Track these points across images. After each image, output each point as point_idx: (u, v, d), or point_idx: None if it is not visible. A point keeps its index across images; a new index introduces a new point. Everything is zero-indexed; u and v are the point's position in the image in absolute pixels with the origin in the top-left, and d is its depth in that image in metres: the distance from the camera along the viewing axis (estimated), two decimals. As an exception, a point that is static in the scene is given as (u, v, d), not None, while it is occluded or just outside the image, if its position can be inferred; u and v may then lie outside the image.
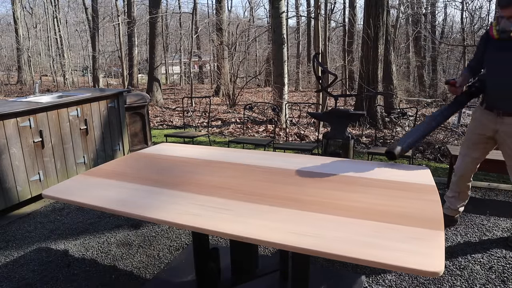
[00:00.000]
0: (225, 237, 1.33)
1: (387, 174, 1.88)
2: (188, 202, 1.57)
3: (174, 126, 7.78)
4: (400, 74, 13.84)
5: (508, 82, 2.32)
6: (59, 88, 15.84)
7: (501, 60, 2.32)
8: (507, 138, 2.40)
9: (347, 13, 16.78)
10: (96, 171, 2.02)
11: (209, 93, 13.88)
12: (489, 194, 3.57)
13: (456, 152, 3.53)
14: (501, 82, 2.35)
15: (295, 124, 7.22)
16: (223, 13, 13.22)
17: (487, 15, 15.81)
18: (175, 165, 2.11)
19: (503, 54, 2.29)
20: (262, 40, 20.32)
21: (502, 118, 2.38)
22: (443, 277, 2.22)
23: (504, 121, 2.38)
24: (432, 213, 1.42)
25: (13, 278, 2.29)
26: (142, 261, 2.45)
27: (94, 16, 16.18)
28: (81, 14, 22.26)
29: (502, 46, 2.28)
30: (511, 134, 2.37)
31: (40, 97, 3.84)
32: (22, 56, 19.03)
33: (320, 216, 1.41)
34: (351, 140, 3.75)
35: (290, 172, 1.94)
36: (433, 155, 5.22)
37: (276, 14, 7.47)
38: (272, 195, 1.63)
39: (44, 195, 1.72)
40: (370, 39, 7.12)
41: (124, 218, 3.05)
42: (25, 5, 22.04)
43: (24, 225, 3.03)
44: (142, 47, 22.81)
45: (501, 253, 2.49)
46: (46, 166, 3.42)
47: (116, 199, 1.62)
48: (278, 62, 7.68)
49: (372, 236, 1.25)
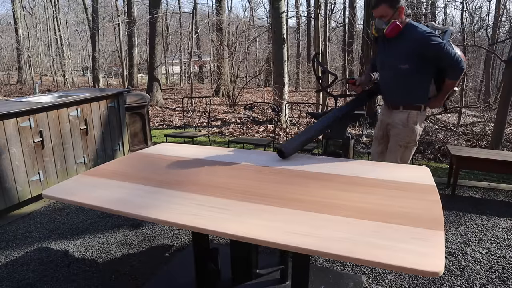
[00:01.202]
0: (225, 237, 1.33)
1: (387, 174, 1.88)
2: (188, 202, 1.57)
3: (174, 126, 7.78)
4: (400, 74, 13.80)
5: (387, 76, 2.51)
6: (59, 88, 15.84)
7: (383, 55, 2.50)
8: (391, 130, 2.56)
9: (347, 13, 16.78)
10: (96, 171, 2.02)
11: (209, 93, 13.87)
12: (489, 194, 3.57)
13: (456, 152, 3.54)
14: (384, 76, 2.55)
15: (295, 124, 7.22)
16: (223, 13, 13.23)
17: (487, 15, 15.82)
18: (175, 165, 2.11)
19: (384, 50, 2.48)
20: (262, 40, 20.31)
21: (391, 111, 2.53)
22: (443, 277, 2.22)
23: (392, 114, 2.53)
24: (432, 213, 1.42)
25: (13, 278, 2.29)
26: (142, 261, 2.45)
27: (94, 16, 16.18)
28: (81, 14, 22.26)
29: (383, 43, 2.48)
30: (395, 127, 2.51)
31: (40, 97, 3.83)
32: (22, 56, 19.03)
33: (320, 216, 1.41)
34: (351, 140, 3.75)
35: (290, 172, 1.94)
36: (433, 155, 5.22)
37: (276, 14, 7.47)
38: (272, 195, 1.63)
39: (44, 195, 1.72)
40: (370, 39, 7.12)
41: (124, 218, 3.05)
42: (25, 5, 22.03)
43: (24, 225, 3.03)
44: (142, 47, 22.81)
45: (501, 253, 2.49)
46: (46, 166, 3.42)
47: (116, 199, 1.62)
48: (278, 62, 7.68)
49: (372, 236, 1.25)
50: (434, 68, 2.36)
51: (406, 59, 2.34)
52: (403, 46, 2.34)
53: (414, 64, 2.33)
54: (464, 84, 9.61)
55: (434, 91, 2.45)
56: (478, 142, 5.98)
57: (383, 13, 2.32)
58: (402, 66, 2.36)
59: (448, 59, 2.25)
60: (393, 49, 2.40)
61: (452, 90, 2.44)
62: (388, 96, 2.57)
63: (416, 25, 2.32)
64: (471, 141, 6.06)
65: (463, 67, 2.28)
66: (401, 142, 2.48)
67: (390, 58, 2.43)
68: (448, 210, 3.15)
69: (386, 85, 2.54)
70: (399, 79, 2.42)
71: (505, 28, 14.02)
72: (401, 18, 2.33)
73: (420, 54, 2.28)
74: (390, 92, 2.54)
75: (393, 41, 2.38)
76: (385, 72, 2.53)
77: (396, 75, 2.42)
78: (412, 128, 2.44)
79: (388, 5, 2.29)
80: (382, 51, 2.51)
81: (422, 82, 2.39)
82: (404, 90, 2.43)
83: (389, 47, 2.44)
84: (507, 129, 6.07)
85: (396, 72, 2.41)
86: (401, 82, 2.42)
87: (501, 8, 13.71)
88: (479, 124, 7.36)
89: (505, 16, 14.02)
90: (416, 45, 2.28)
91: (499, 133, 5.21)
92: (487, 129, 6.57)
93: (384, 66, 2.52)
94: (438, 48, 2.22)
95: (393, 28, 2.30)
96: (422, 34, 2.26)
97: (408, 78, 2.38)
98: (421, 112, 2.44)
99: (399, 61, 2.37)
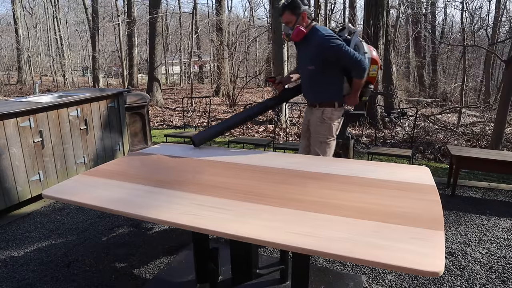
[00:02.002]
0: (225, 237, 1.33)
1: (387, 174, 1.88)
2: (188, 202, 1.57)
3: (174, 126, 7.78)
4: (400, 74, 13.83)
5: (303, 77, 2.67)
6: (59, 88, 15.84)
7: (299, 57, 2.68)
8: (311, 126, 2.70)
9: (347, 13, 16.78)
10: (96, 171, 2.02)
11: (209, 93, 13.87)
12: (489, 194, 3.57)
13: (456, 152, 3.54)
14: (301, 76, 2.71)
15: (295, 124, 7.22)
16: (223, 13, 13.23)
17: (487, 15, 15.83)
18: (175, 165, 2.11)
19: (298, 53, 2.67)
20: (262, 40, 20.31)
21: (311, 108, 2.68)
22: (443, 277, 2.22)
23: (312, 111, 2.67)
24: (432, 213, 1.42)
25: (13, 278, 2.29)
26: (142, 261, 2.45)
27: (94, 16, 16.18)
28: (81, 14, 22.27)
29: (297, 47, 2.65)
30: (313, 123, 2.66)
31: (40, 97, 3.83)
32: (22, 56, 19.03)
33: (320, 216, 1.41)
34: (351, 140, 3.75)
35: (290, 172, 1.94)
36: (433, 155, 5.22)
37: (276, 14, 7.47)
38: (272, 195, 1.63)
39: (44, 195, 1.72)
40: (370, 39, 7.12)
41: (124, 218, 3.05)
42: (25, 5, 22.04)
43: (24, 225, 3.03)
44: (142, 47, 22.81)
45: (501, 253, 2.49)
46: (46, 166, 3.42)
47: (116, 199, 1.62)
48: (278, 62, 7.68)
49: (372, 236, 1.25)
50: (339, 68, 2.48)
51: (311, 61, 2.50)
52: (308, 49, 2.49)
53: (319, 65, 2.47)
54: (464, 84, 9.62)
55: (347, 89, 2.58)
56: (478, 142, 5.98)
57: (288, 19, 2.46)
58: (310, 68, 2.53)
59: (348, 59, 2.36)
60: (302, 52, 2.59)
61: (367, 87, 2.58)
62: (306, 95, 2.72)
63: (319, 29, 2.44)
64: (471, 141, 6.06)
65: (365, 66, 2.39)
66: (320, 138, 2.63)
67: (301, 60, 2.62)
68: (448, 210, 3.15)
69: (303, 85, 2.70)
70: (310, 80, 2.59)
71: (505, 28, 14.02)
72: (305, 23, 2.47)
73: (322, 56, 2.42)
74: (306, 92, 2.70)
75: (301, 44, 2.57)
76: (301, 73, 2.71)
77: (308, 76, 2.60)
78: (329, 124, 2.58)
79: (291, 12, 2.43)
80: (298, 54, 2.69)
81: (332, 81, 2.53)
82: (316, 90, 2.59)
83: (299, 50, 2.63)
84: (507, 129, 6.08)
85: (307, 73, 2.59)
86: (312, 82, 2.58)
87: (501, 8, 13.72)
88: (479, 124, 7.37)
89: (505, 16, 14.03)
90: (318, 48, 2.41)
91: (499, 133, 5.22)
92: (487, 129, 6.58)
93: (299, 67, 2.71)
94: (336, 49, 2.35)
95: (297, 33, 2.44)
96: (322, 38, 2.39)
97: (317, 78, 2.54)
98: (336, 109, 2.56)
99: (307, 63, 2.54)
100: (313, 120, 2.64)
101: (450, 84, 14.20)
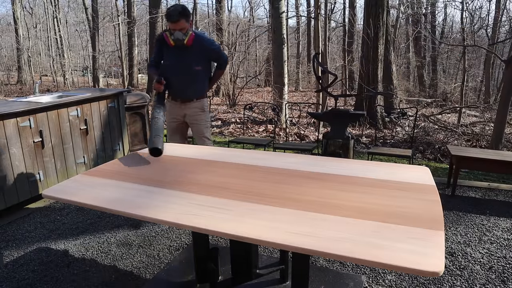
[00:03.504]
0: (225, 237, 1.33)
1: (387, 174, 1.88)
2: (188, 202, 1.57)
3: (174, 126, 7.76)
4: (400, 74, 13.84)
5: (182, 77, 2.98)
6: (59, 88, 15.83)
7: (177, 62, 2.96)
8: (192, 117, 3.12)
9: (347, 13, 16.78)
10: (96, 171, 2.02)
11: (209, 93, 13.85)
12: (489, 194, 3.57)
13: (456, 152, 3.54)
14: (178, 78, 2.98)
15: (295, 124, 7.22)
16: (223, 13, 13.23)
17: (487, 15, 15.82)
18: (175, 165, 2.11)
19: (178, 57, 2.95)
20: (262, 40, 20.31)
21: (185, 104, 3.08)
22: (443, 277, 2.22)
23: (187, 106, 3.08)
24: (432, 213, 1.42)
25: (13, 278, 2.29)
26: (142, 261, 2.45)
27: (94, 16, 16.18)
28: (81, 14, 22.26)
29: (176, 51, 2.93)
30: (193, 114, 3.11)
31: (40, 97, 3.83)
32: (22, 56, 19.03)
33: (320, 216, 1.41)
34: (351, 140, 3.75)
35: (290, 172, 1.94)
36: (433, 155, 5.22)
37: (276, 14, 7.47)
38: (272, 195, 1.63)
39: (44, 195, 1.72)
40: (370, 39, 7.12)
41: (124, 218, 3.05)
42: (25, 5, 22.04)
43: (24, 225, 3.03)
44: (142, 47, 22.81)
45: (501, 253, 2.49)
46: (46, 166, 3.42)
47: (116, 199, 1.62)
48: (278, 62, 7.68)
49: (372, 236, 1.25)
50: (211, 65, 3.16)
51: (199, 62, 2.98)
52: (195, 52, 2.93)
53: (204, 65, 3.03)
54: (464, 84, 9.61)
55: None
56: (478, 142, 5.98)
57: (183, 26, 2.81)
58: (197, 68, 2.98)
59: (221, 56, 3.12)
60: (188, 55, 2.93)
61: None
62: (182, 94, 3.06)
63: (200, 34, 2.97)
64: (471, 141, 6.06)
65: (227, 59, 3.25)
66: (207, 124, 3.17)
67: (186, 63, 2.95)
68: (448, 210, 3.15)
69: (180, 85, 3.01)
70: (193, 78, 3.02)
71: (505, 28, 14.02)
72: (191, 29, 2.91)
73: (208, 57, 3.03)
74: (184, 91, 3.05)
75: (188, 48, 2.90)
76: (179, 75, 2.98)
77: (191, 76, 3.00)
78: (207, 111, 3.18)
79: (185, 20, 2.81)
80: (175, 58, 2.95)
81: (207, 77, 3.13)
82: (197, 86, 3.06)
83: (184, 53, 2.93)
84: (507, 129, 6.08)
85: (191, 73, 2.99)
86: (195, 80, 3.03)
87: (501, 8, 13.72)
88: (479, 124, 7.36)
89: (505, 16, 14.02)
90: (206, 50, 2.98)
91: (499, 133, 5.21)
92: (487, 129, 6.58)
93: (177, 70, 2.97)
94: (218, 50, 3.07)
95: (192, 38, 2.86)
96: (208, 42, 3.00)
97: (200, 77, 3.04)
98: (207, 98, 3.23)
99: (195, 64, 2.97)
100: (194, 112, 3.10)
101: (450, 84, 14.19)
